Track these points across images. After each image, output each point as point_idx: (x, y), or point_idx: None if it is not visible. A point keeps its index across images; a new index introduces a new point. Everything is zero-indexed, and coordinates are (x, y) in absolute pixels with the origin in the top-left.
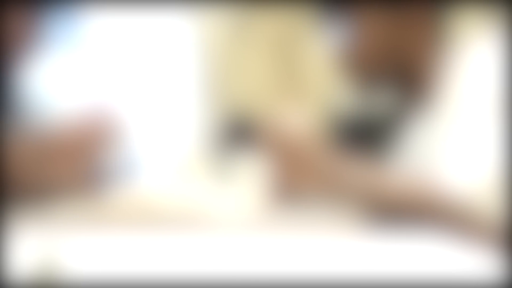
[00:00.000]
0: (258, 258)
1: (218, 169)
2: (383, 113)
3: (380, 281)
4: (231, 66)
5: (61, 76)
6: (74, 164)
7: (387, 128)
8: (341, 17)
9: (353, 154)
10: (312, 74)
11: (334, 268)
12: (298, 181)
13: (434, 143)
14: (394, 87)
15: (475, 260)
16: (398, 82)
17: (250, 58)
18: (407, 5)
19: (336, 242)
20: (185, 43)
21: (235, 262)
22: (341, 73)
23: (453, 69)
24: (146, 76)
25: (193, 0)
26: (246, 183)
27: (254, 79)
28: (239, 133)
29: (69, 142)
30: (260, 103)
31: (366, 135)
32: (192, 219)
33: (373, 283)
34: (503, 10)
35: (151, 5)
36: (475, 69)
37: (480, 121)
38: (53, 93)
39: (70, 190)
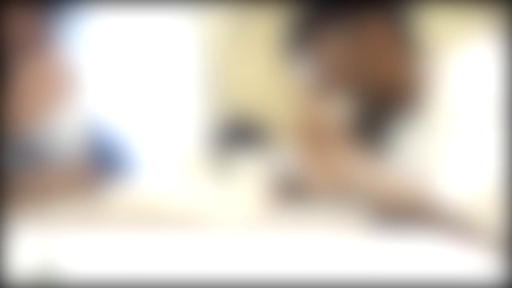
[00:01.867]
0: (258, 258)
1: (218, 169)
2: (373, 122)
3: (381, 280)
4: (230, 66)
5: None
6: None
7: (378, 135)
8: (304, 50)
9: (360, 152)
10: None
11: (334, 268)
12: (317, 168)
13: (431, 148)
14: (371, 101)
15: (475, 260)
16: (373, 96)
17: (249, 58)
18: (363, 24)
19: (336, 242)
20: (185, 43)
21: (235, 262)
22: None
23: (437, 75)
24: (146, 76)
25: (193, 0)
26: (246, 183)
27: (254, 79)
28: (239, 133)
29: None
30: (260, 103)
31: (365, 135)
32: (192, 219)
33: (375, 283)
34: (500, 12)
35: (151, 5)
36: (463, 73)
37: (473, 125)
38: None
39: (73, 185)
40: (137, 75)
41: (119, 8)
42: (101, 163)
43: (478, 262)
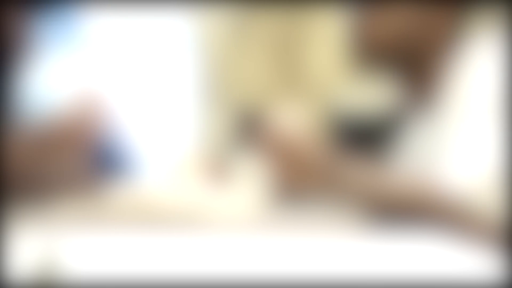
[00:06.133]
0: (258, 258)
1: (218, 168)
2: (385, 110)
3: (380, 281)
4: (231, 65)
5: (60, 76)
6: (71, 152)
7: (388, 125)
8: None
9: (354, 152)
10: (314, 71)
11: (334, 268)
12: (296, 181)
13: (435, 141)
14: (400, 79)
15: (475, 260)
16: (406, 74)
17: (250, 57)
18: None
19: (336, 242)
20: (184, 43)
21: (235, 262)
22: (350, 58)
23: (460, 68)
24: (146, 76)
25: (193, 0)
26: (247, 182)
27: (254, 78)
28: (239, 132)
29: (62, 132)
30: (261, 102)
31: (367, 133)
32: (193, 219)
33: (373, 283)
34: (505, 10)
35: (151, 5)
36: (480, 70)
37: (482, 121)
38: (52, 93)
39: (72, 185)
40: (136, 76)
41: (118, 8)
42: (102, 163)
43: (478, 262)
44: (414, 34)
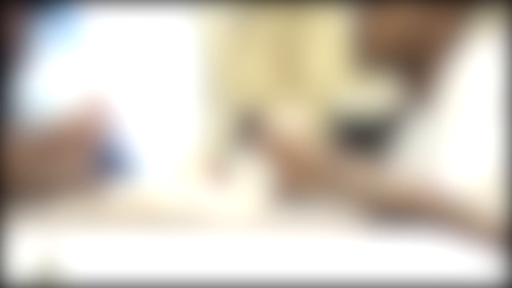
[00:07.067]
0: (258, 258)
1: (219, 169)
2: (385, 109)
3: (380, 281)
4: (231, 65)
5: (60, 76)
6: (74, 156)
7: (388, 126)
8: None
9: (353, 153)
10: (314, 71)
11: (334, 268)
12: (297, 182)
13: (435, 141)
14: (400, 79)
15: (475, 260)
16: (406, 75)
17: (250, 57)
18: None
19: (336, 242)
20: (185, 43)
21: (236, 262)
22: (350, 58)
23: (461, 68)
24: (147, 76)
25: (193, 0)
26: (247, 183)
27: (255, 79)
28: (240, 132)
29: (66, 135)
30: (261, 102)
31: (367, 133)
32: (193, 219)
33: (373, 283)
34: (505, 11)
35: (151, 5)
36: (481, 70)
37: (482, 121)
38: (53, 93)
39: (73, 185)
40: (136, 76)
41: (118, 8)
42: (103, 163)
43: (478, 262)
44: (416, 34)
